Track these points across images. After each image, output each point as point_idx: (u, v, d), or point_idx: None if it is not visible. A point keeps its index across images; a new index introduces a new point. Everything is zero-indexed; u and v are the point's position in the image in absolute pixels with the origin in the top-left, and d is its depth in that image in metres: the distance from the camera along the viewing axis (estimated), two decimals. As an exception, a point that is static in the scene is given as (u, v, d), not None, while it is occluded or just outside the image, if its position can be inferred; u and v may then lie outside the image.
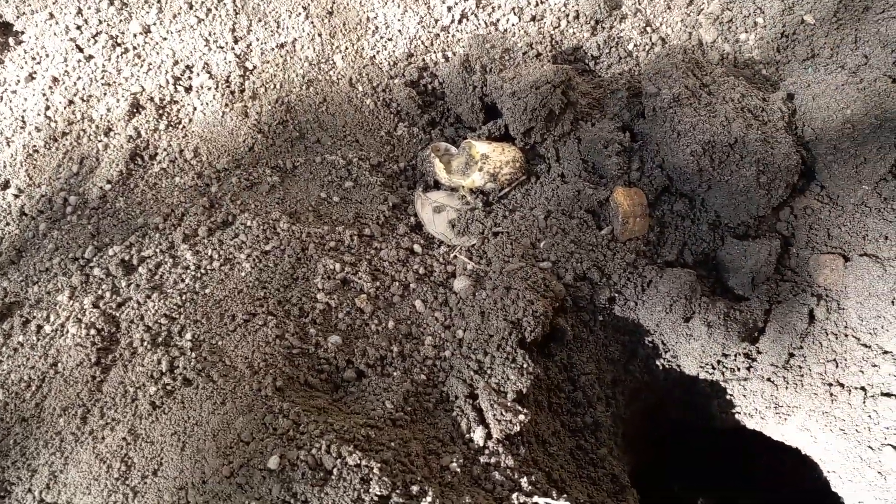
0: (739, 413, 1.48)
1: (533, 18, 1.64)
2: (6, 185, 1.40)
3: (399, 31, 1.59)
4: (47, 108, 1.48)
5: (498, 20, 1.64)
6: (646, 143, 1.38)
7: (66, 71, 1.50)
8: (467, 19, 1.62)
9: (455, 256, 1.32)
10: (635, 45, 1.64)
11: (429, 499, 0.92)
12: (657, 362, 1.41)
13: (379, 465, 0.94)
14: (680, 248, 1.38)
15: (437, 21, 1.61)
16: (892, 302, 1.33)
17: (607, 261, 1.32)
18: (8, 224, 1.35)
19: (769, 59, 1.61)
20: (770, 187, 1.35)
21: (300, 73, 1.50)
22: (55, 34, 1.53)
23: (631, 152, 1.37)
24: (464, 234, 1.34)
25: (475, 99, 1.43)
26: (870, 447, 1.35)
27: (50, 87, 1.49)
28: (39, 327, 1.20)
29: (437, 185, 1.42)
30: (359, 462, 0.94)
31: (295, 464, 0.94)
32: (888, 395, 1.32)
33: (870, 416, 1.34)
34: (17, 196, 1.38)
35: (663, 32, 1.68)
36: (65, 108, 1.49)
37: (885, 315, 1.34)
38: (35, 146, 1.43)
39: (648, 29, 1.67)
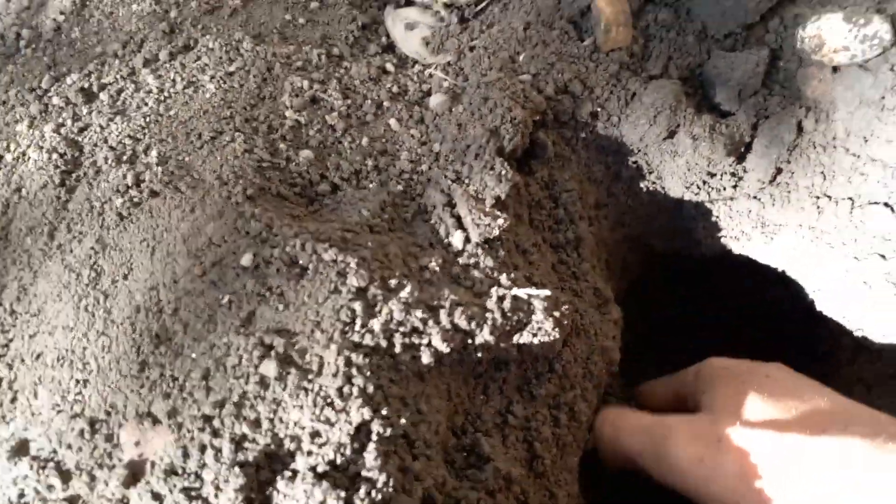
0: (725, 237, 1.46)
1: None
2: (-48, 20, 1.32)
3: None
4: (-11, -62, 1.38)
5: None
6: (628, -52, 1.30)
7: None
8: None
9: (430, 74, 1.26)
10: None
11: (407, 289, 0.91)
12: (641, 184, 1.38)
13: (356, 260, 0.92)
14: (665, 61, 1.33)
15: None
16: (882, 108, 1.29)
17: (590, 73, 1.27)
18: (-42, 60, 1.29)
19: None
20: (758, -9, 1.28)
21: None
22: None
23: (613, -43, 1.29)
24: (439, 51, 1.28)
25: None
26: (855, 258, 1.34)
27: (-11, -84, 1.39)
28: (0, 157, 1.15)
29: (409, 3, 1.34)
30: (335, 258, 0.91)
31: (269, 261, 0.92)
32: (875, 203, 1.30)
33: (856, 227, 1.32)
34: (-35, 31, 1.31)
35: None
36: (8, -62, 1.39)
37: (875, 123, 1.30)
38: (-22, -22, 1.34)
39: None
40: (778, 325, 1.74)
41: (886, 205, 1.29)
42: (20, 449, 0.88)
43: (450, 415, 0.95)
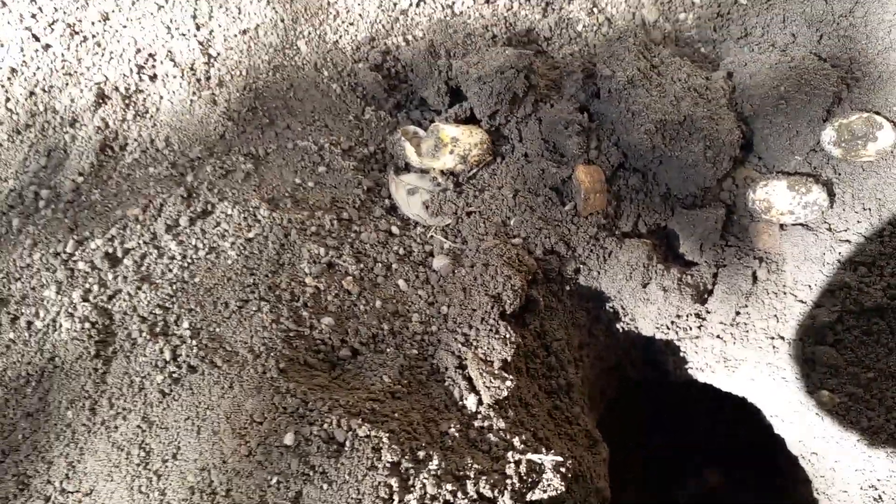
0: (692, 368, 1.62)
1: (486, 1, 1.70)
2: (-27, 181, 1.38)
3: (360, 15, 1.62)
4: (7, 99, 1.46)
5: (453, 3, 1.69)
6: (602, 123, 1.48)
7: (23, 61, 1.48)
8: (424, 2, 1.67)
9: (431, 236, 1.39)
10: (584, 27, 1.72)
11: (435, 461, 1.00)
12: (617, 325, 1.53)
13: (387, 434, 1.01)
14: (635, 219, 1.49)
15: (395, 4, 1.66)
16: (824, 263, 1.48)
17: (572, 235, 1.42)
18: (-21, 221, 1.34)
19: (706, 37, 1.72)
20: (716, 161, 1.47)
21: (265, 59, 1.52)
22: (9, 23, 1.50)
23: (589, 132, 1.46)
24: (438, 214, 1.41)
25: (441, 83, 1.49)
26: (808, 392, 1.50)
27: (9, 79, 1.47)
28: (30, 323, 1.21)
29: (407, 168, 1.48)
30: (368, 433, 1.01)
31: (309, 439, 1.00)
32: (822, 344, 1.47)
33: (807, 364, 1.49)
34: (-14, 192, 1.37)
35: (609, 13, 1.76)
36: (26, 99, 1.47)
37: (818, 275, 1.48)
38: (-1, 140, 1.42)
39: (595, 10, 1.75)
40: (739, 445, 1.90)
41: (832, 345, 1.47)
42: None
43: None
